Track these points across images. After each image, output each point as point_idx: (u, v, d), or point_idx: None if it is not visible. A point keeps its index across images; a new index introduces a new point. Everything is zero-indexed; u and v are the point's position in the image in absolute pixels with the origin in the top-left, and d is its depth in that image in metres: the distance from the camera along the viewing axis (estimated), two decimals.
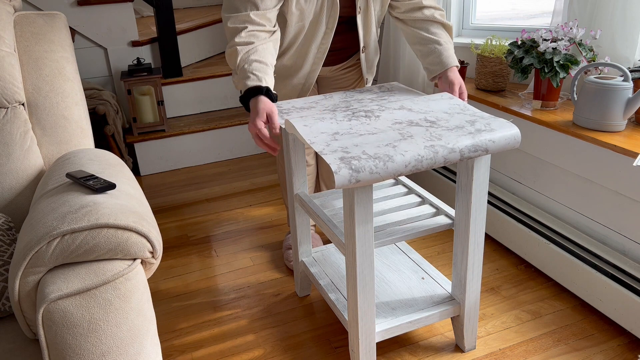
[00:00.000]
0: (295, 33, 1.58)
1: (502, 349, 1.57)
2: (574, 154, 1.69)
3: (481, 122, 1.30)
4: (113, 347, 0.95)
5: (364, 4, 1.59)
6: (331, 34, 1.60)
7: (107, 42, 2.94)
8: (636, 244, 1.56)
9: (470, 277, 1.44)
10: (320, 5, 1.53)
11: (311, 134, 1.27)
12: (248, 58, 1.40)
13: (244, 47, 1.41)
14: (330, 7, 1.54)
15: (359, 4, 1.58)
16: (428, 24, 1.61)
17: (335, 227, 1.41)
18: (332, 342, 1.62)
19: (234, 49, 1.42)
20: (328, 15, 1.56)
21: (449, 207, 1.47)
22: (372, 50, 1.74)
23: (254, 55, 1.40)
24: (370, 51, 1.72)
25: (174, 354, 1.61)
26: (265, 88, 1.37)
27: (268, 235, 2.24)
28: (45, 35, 1.47)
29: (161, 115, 2.87)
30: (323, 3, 1.53)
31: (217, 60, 3.50)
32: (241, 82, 1.40)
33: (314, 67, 1.66)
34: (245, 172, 2.89)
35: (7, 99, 1.36)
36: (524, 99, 1.95)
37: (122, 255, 1.01)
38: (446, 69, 1.57)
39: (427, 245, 2.12)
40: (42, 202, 1.12)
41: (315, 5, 1.53)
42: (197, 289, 1.91)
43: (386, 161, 1.14)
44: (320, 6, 1.53)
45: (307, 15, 1.54)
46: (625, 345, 1.56)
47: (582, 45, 1.71)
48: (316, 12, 1.54)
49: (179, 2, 4.22)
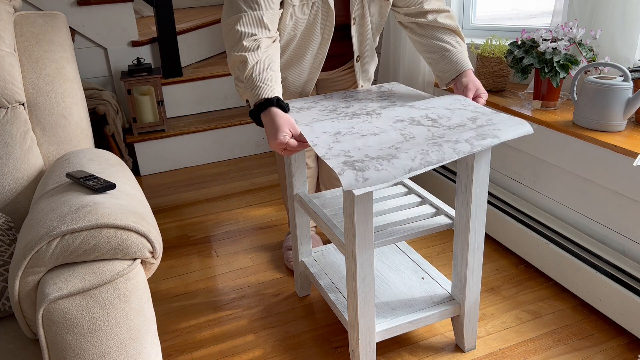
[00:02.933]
0: (286, 42, 1.53)
1: (502, 349, 1.57)
2: (574, 154, 1.69)
3: (483, 118, 1.30)
4: (113, 347, 0.95)
5: (360, 13, 1.55)
6: (327, 43, 1.56)
7: (107, 42, 2.94)
8: (636, 244, 1.56)
9: (470, 277, 1.44)
10: (314, 15, 1.49)
11: (313, 133, 1.26)
12: (256, 67, 1.31)
13: (252, 55, 1.32)
14: (325, 17, 1.50)
15: (353, 15, 1.54)
16: (433, 29, 1.54)
17: (335, 227, 1.41)
18: (332, 342, 1.62)
19: (242, 56, 1.32)
20: (323, 25, 1.52)
21: (449, 207, 1.47)
22: (368, 59, 1.70)
23: (262, 63, 1.32)
24: (365, 60, 1.69)
25: (174, 354, 1.61)
26: (276, 98, 1.29)
27: (268, 235, 2.24)
28: (45, 35, 1.47)
29: (161, 115, 2.87)
30: (317, 13, 1.49)
31: (217, 60, 3.50)
32: (249, 92, 1.31)
33: (311, 77, 1.63)
34: (245, 172, 2.89)
35: (7, 99, 1.36)
36: (524, 99, 1.95)
37: (122, 255, 1.01)
38: (458, 74, 1.49)
39: (427, 245, 2.12)
40: (42, 202, 1.12)
41: (309, 15, 1.48)
42: (197, 289, 1.91)
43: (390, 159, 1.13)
44: (314, 16, 1.49)
45: (300, 25, 1.50)
46: (625, 345, 1.56)
47: (582, 45, 1.71)
48: (309, 21, 1.50)
49: (179, 2, 4.22)
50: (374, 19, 1.59)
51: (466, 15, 2.41)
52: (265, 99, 1.29)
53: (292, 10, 1.45)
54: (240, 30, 1.34)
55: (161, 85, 2.83)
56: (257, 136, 3.11)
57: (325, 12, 1.49)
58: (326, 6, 1.48)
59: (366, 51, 1.67)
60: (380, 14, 1.59)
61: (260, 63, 1.32)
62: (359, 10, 1.54)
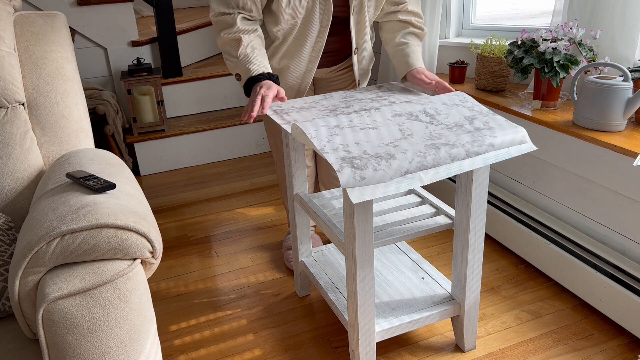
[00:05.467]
0: (288, 30, 1.58)
1: (502, 349, 1.57)
2: (574, 154, 1.69)
3: (480, 119, 1.30)
4: (113, 347, 0.95)
5: (358, 5, 1.60)
6: (325, 32, 1.60)
7: (107, 42, 2.94)
8: (636, 244, 1.56)
9: (470, 277, 1.44)
10: (312, 1, 1.54)
11: (312, 126, 1.27)
12: (250, 45, 1.51)
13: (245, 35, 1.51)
14: (323, 5, 1.55)
15: (352, 6, 1.58)
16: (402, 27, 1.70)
17: (335, 227, 1.41)
18: (332, 342, 1.62)
19: (237, 36, 1.50)
20: (322, 13, 1.56)
21: (449, 207, 1.47)
22: (365, 53, 1.74)
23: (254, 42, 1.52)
24: (362, 53, 1.73)
25: (174, 354, 1.61)
26: (268, 73, 1.49)
27: (268, 235, 2.24)
28: (45, 35, 1.47)
29: (161, 115, 2.87)
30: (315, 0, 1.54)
31: (217, 60, 3.50)
32: (243, 67, 1.49)
33: (310, 67, 1.67)
34: (245, 172, 2.89)
35: (7, 99, 1.36)
36: (524, 99, 1.95)
37: (122, 255, 1.01)
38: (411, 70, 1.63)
39: (427, 245, 2.12)
40: (42, 202, 1.12)
41: (307, 2, 1.53)
42: (197, 289, 1.91)
43: (388, 160, 1.13)
44: (312, 3, 1.54)
45: (300, 12, 1.55)
46: (625, 345, 1.56)
47: (582, 45, 1.71)
48: (308, 8, 1.55)
49: (179, 2, 4.22)
50: (370, 10, 1.65)
51: (466, 15, 2.41)
52: (259, 74, 1.48)
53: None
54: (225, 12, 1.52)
55: (161, 85, 2.83)
56: (257, 136, 3.11)
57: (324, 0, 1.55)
58: None
59: (363, 44, 1.71)
60: (376, 5, 1.65)
61: (253, 42, 1.52)
62: (357, 2, 1.59)
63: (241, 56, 1.51)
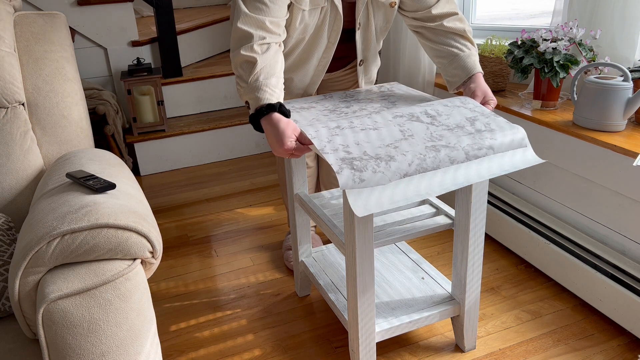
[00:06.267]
0: (294, 45, 1.54)
1: (502, 349, 1.57)
2: (574, 154, 1.69)
3: (481, 120, 1.30)
4: (113, 347, 0.95)
5: (365, 19, 1.55)
6: (333, 47, 1.56)
7: (107, 42, 2.94)
8: (636, 244, 1.56)
9: (470, 277, 1.44)
10: (322, 19, 1.49)
11: (312, 128, 1.27)
12: (263, 71, 1.30)
13: (261, 58, 1.31)
14: (332, 22, 1.50)
15: (358, 20, 1.54)
16: (441, 34, 1.52)
17: (335, 227, 1.41)
18: (332, 342, 1.62)
19: (251, 57, 1.31)
20: (330, 30, 1.52)
21: (449, 207, 1.47)
22: (371, 63, 1.70)
23: (269, 68, 1.32)
24: (368, 64, 1.69)
25: (174, 354, 1.61)
26: (278, 104, 1.29)
27: (268, 235, 2.24)
28: (45, 35, 1.48)
29: (161, 115, 2.87)
30: (325, 17, 1.49)
31: (217, 60, 3.50)
32: (252, 94, 1.30)
33: (315, 79, 1.64)
34: (245, 172, 2.89)
35: (7, 99, 1.37)
36: (524, 99, 1.95)
37: (122, 255, 1.01)
38: (466, 79, 1.47)
39: (427, 245, 2.12)
40: (42, 202, 1.12)
41: (317, 19, 1.49)
42: (197, 289, 1.91)
43: (388, 161, 1.13)
44: (322, 20, 1.49)
45: (309, 29, 1.50)
46: (625, 345, 1.56)
47: (582, 45, 1.71)
48: (317, 25, 1.50)
49: (179, 2, 4.22)
50: (378, 24, 1.59)
51: (466, 15, 2.41)
52: (267, 104, 1.28)
53: (302, 15, 1.45)
54: (250, 32, 1.32)
55: (161, 85, 2.83)
56: (257, 136, 3.11)
57: (333, 17, 1.50)
58: (335, 11, 1.49)
59: (370, 55, 1.67)
60: (385, 19, 1.58)
61: (268, 67, 1.31)
62: (364, 16, 1.55)
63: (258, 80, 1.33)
